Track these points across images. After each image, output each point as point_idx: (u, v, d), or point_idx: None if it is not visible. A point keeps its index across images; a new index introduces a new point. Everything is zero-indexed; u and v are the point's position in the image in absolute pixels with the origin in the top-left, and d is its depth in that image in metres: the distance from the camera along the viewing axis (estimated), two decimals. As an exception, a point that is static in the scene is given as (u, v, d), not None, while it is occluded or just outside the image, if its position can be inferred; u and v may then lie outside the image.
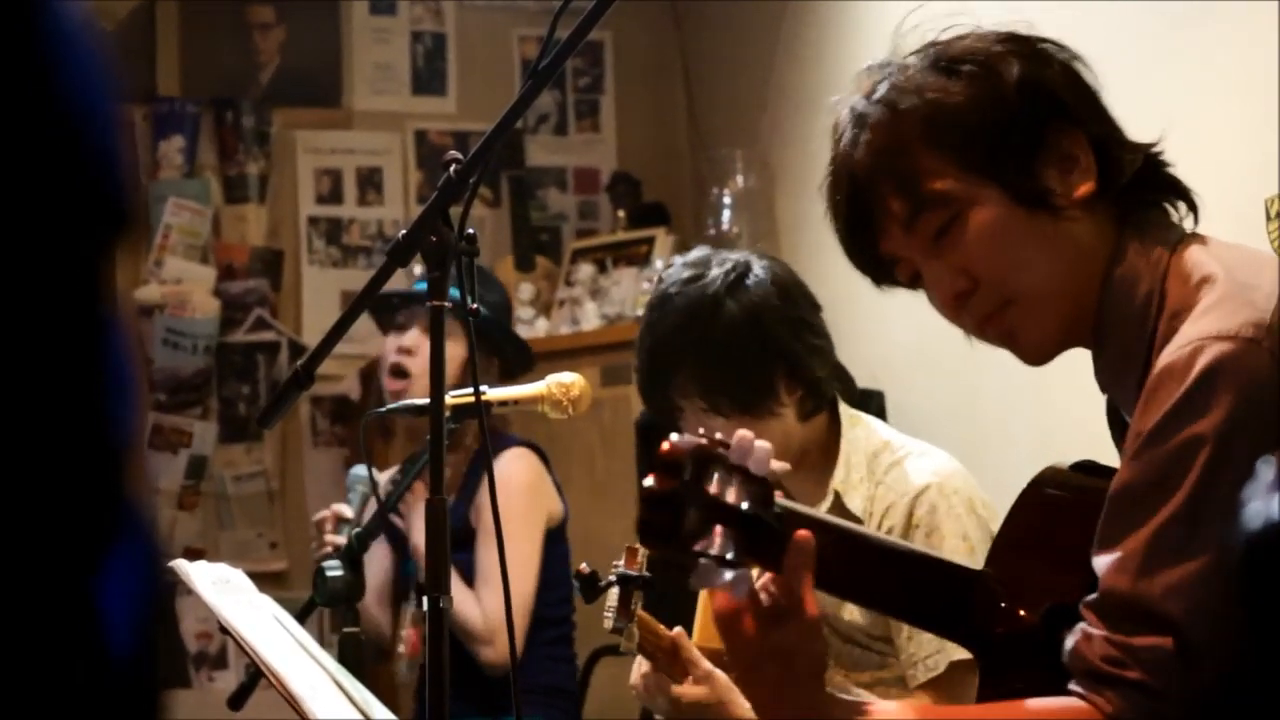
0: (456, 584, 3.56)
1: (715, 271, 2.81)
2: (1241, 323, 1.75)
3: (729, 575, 1.66)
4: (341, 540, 3.24)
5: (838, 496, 2.80)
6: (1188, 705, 1.70)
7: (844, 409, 2.90)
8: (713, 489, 1.67)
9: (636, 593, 2.46)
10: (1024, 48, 1.96)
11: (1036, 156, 1.91)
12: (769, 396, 2.78)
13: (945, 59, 1.95)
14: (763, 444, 1.72)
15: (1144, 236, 1.92)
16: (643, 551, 2.46)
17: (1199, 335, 1.76)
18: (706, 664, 2.57)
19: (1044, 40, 1.99)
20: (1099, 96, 1.99)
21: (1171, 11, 3.46)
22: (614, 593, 2.47)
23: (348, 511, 3.41)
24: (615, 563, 2.47)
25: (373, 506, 3.22)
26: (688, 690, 2.55)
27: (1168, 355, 1.77)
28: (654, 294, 2.91)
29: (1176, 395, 1.74)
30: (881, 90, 1.96)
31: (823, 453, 2.86)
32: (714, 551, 1.65)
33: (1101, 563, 1.77)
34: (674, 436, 1.67)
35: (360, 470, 3.42)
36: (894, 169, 1.94)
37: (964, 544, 2.66)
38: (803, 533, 1.74)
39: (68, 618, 0.75)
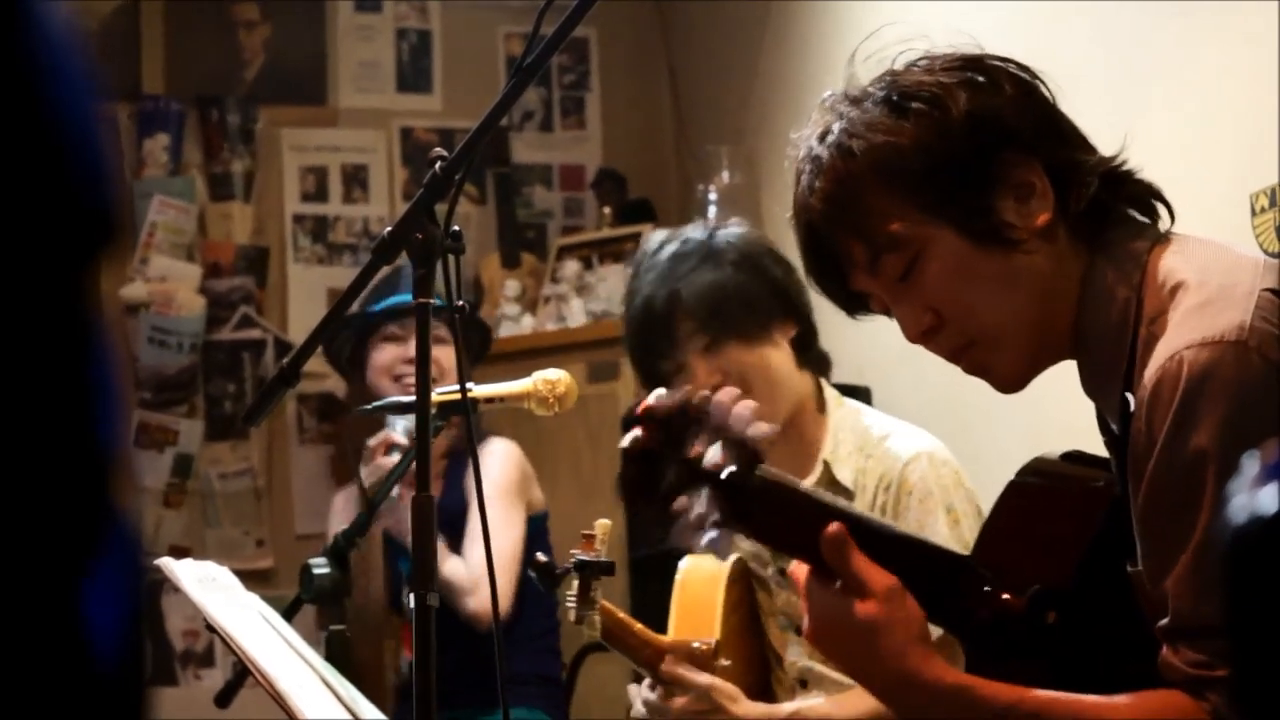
0: (442, 550, 3.60)
1: (694, 230, 2.88)
2: (1224, 326, 1.75)
3: (709, 536, 1.67)
4: (393, 461, 3.30)
5: (827, 467, 2.82)
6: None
7: (830, 389, 2.94)
8: (694, 450, 1.68)
9: (596, 579, 2.47)
10: (973, 76, 1.94)
11: (990, 191, 1.91)
12: (768, 321, 2.82)
13: (895, 95, 1.94)
14: (745, 404, 1.74)
15: (1114, 250, 1.91)
16: (600, 536, 2.47)
17: (1182, 344, 1.76)
18: (704, 677, 2.59)
19: (995, 63, 1.97)
20: (1055, 116, 1.97)
21: (1155, 8, 3.46)
22: (574, 581, 2.47)
23: (399, 436, 3.49)
24: (573, 550, 2.47)
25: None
26: (686, 703, 2.58)
27: (1154, 369, 1.77)
28: (634, 266, 2.94)
29: (1172, 411, 1.74)
30: (834, 132, 1.96)
31: (811, 424, 2.88)
32: (695, 513, 1.67)
33: (1162, 591, 1.78)
34: (657, 392, 1.68)
35: (398, 419, 3.48)
36: (849, 216, 1.94)
37: (949, 516, 2.68)
38: (832, 528, 1.79)
39: (53, 625, 0.75)
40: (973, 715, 1.80)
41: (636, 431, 1.67)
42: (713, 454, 1.70)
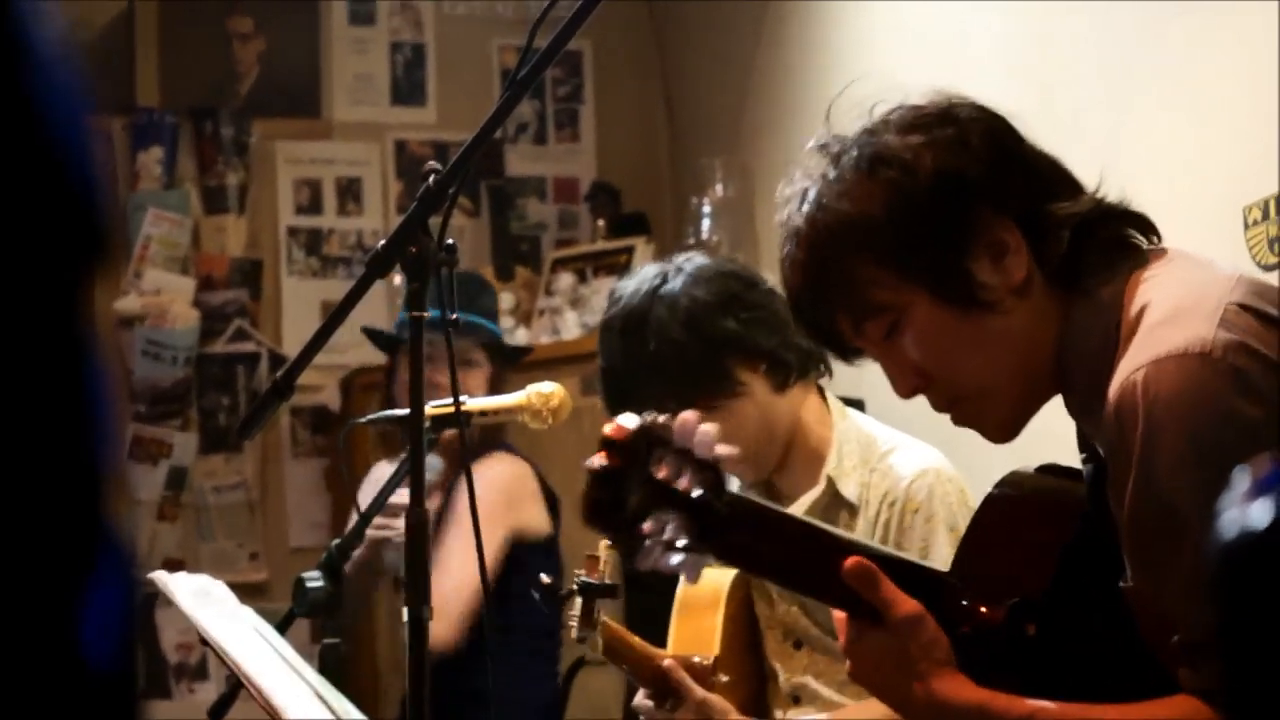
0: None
1: (641, 285, 2.83)
2: (1184, 341, 1.75)
3: (678, 559, 1.68)
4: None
5: (831, 483, 2.81)
6: None
7: (833, 400, 2.92)
8: (662, 473, 1.69)
9: (599, 601, 2.49)
10: (944, 133, 1.93)
11: (963, 253, 1.91)
12: (727, 383, 2.79)
13: (866, 159, 1.94)
14: (707, 427, 1.75)
15: (1091, 288, 1.92)
16: (604, 559, 2.48)
17: (1139, 362, 1.77)
18: (699, 691, 2.60)
19: (965, 114, 1.97)
20: (1028, 164, 1.97)
21: (1148, 17, 3.46)
22: (577, 602, 2.49)
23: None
24: (577, 571, 2.48)
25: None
26: (681, 716, 2.58)
27: (1114, 389, 1.78)
28: (600, 323, 2.94)
29: (1139, 433, 1.75)
30: (810, 201, 1.97)
31: (814, 440, 2.87)
32: (664, 536, 1.68)
33: (1160, 608, 1.79)
34: (620, 418, 1.70)
35: (432, 459, 3.47)
36: (828, 286, 1.96)
37: (952, 534, 2.67)
38: (852, 560, 1.84)
39: (46, 640, 0.75)
40: None
41: (601, 456, 1.69)
42: (679, 476, 1.71)
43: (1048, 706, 1.82)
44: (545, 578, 2.52)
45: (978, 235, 1.91)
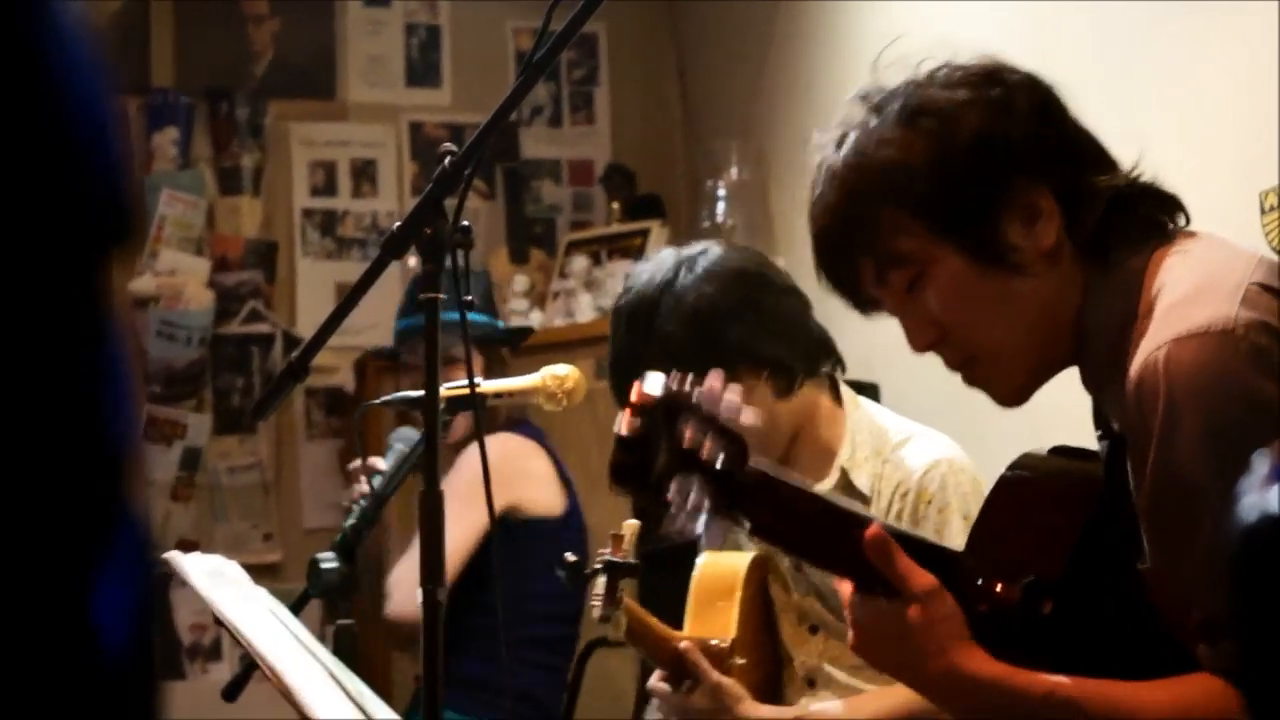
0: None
1: (656, 275, 2.80)
2: (1206, 318, 1.76)
3: (700, 524, 1.70)
4: (365, 488, 3.29)
5: (844, 474, 2.80)
6: None
7: (846, 391, 2.91)
8: (687, 439, 1.70)
9: (623, 580, 2.48)
10: (990, 92, 1.94)
11: (996, 214, 1.92)
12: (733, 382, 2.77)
13: (910, 109, 1.95)
14: (733, 392, 1.76)
15: (1117, 262, 1.92)
16: (628, 538, 2.48)
17: (1166, 337, 1.77)
18: (714, 675, 2.60)
19: (1014, 78, 1.97)
20: (1070, 134, 1.97)
21: (1157, 5, 3.45)
22: (601, 581, 2.48)
23: (381, 463, 3.45)
24: (601, 550, 2.48)
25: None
26: (696, 699, 2.58)
27: (1136, 366, 1.78)
28: (612, 309, 2.92)
29: (1159, 409, 1.75)
30: (849, 144, 1.97)
31: (825, 431, 2.86)
32: (690, 502, 1.69)
33: (1178, 587, 1.79)
34: (647, 382, 1.70)
35: (407, 430, 3.45)
36: (857, 231, 1.97)
37: (966, 522, 2.67)
38: (873, 529, 1.83)
39: (63, 621, 0.75)
40: (1015, 702, 1.83)
41: (628, 419, 1.70)
42: (705, 443, 1.72)
43: (1065, 683, 1.82)
44: (570, 556, 2.52)
45: (1013, 197, 1.92)
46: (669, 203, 5.56)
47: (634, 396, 1.70)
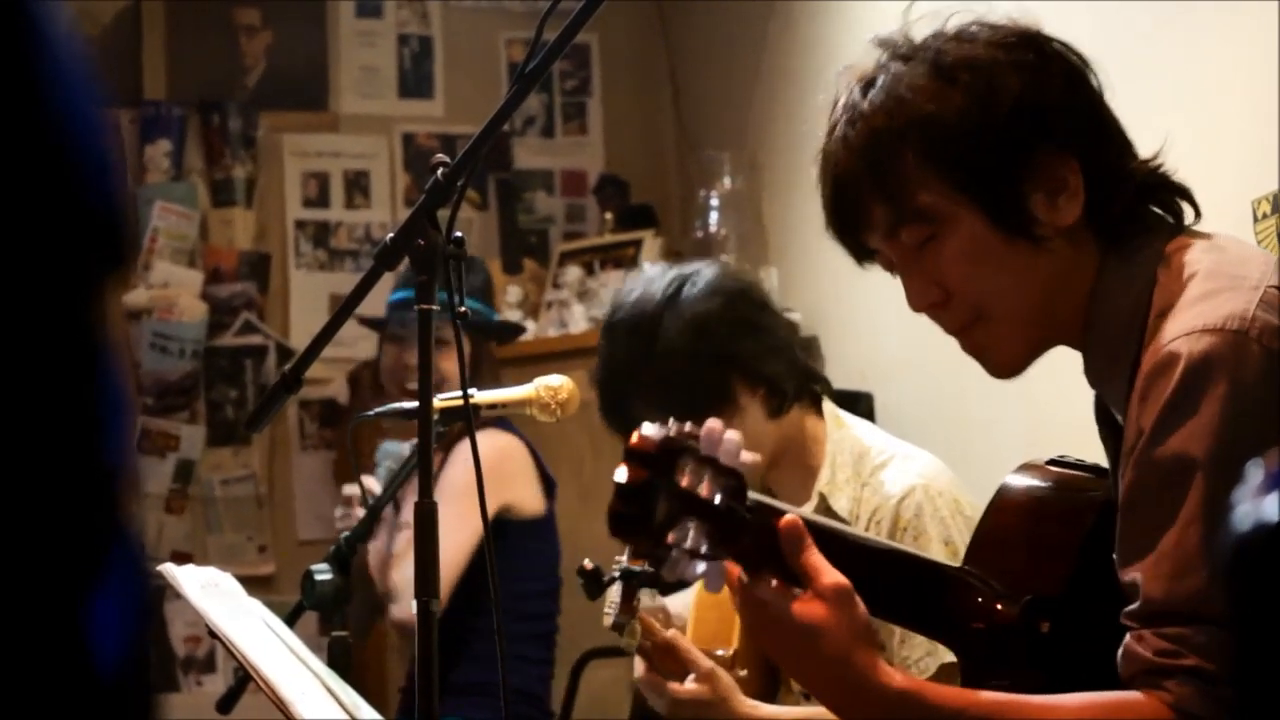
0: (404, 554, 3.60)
1: (654, 289, 2.80)
2: (1226, 314, 1.75)
3: (702, 567, 1.67)
4: (362, 513, 3.28)
5: (823, 499, 2.79)
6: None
7: (829, 409, 2.90)
8: (685, 481, 1.67)
9: (640, 589, 2.46)
10: (1028, 57, 1.91)
11: (1024, 180, 1.88)
12: (725, 401, 2.76)
13: (946, 62, 1.90)
14: (732, 434, 1.72)
15: (1133, 248, 1.90)
16: None
17: (1183, 330, 1.76)
18: (706, 663, 2.58)
19: (1052, 46, 1.95)
20: (1102, 113, 1.95)
21: (1157, 10, 3.46)
22: (616, 589, 2.46)
23: (374, 485, 3.44)
24: (618, 558, 2.46)
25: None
26: (686, 688, 2.56)
27: (1154, 353, 1.77)
28: (603, 321, 2.92)
29: (1167, 395, 1.74)
30: (878, 87, 1.92)
31: (808, 454, 2.85)
32: (688, 545, 1.66)
33: (1132, 575, 1.76)
34: (644, 428, 1.68)
35: (390, 445, 3.44)
36: (878, 176, 1.91)
37: (947, 548, 2.65)
38: (787, 518, 1.73)
39: (59, 639, 0.75)
40: (924, 717, 1.74)
41: (625, 468, 1.67)
42: (701, 483, 1.70)
43: (981, 700, 1.75)
44: (589, 563, 2.51)
45: (1042, 169, 1.89)
46: (662, 213, 5.57)
47: (633, 442, 1.68)
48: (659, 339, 2.75)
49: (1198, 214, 1.97)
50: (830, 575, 1.73)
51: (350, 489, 3.66)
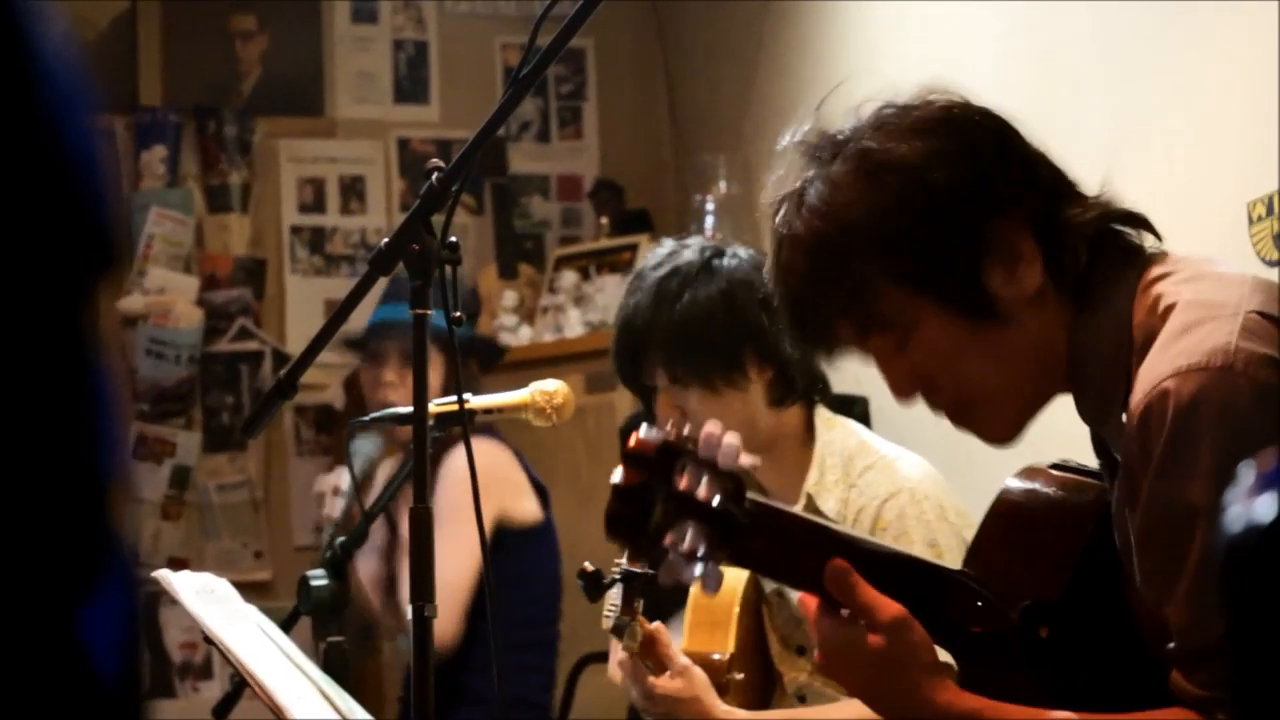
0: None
1: (691, 252, 2.85)
2: (1210, 350, 1.73)
3: (699, 570, 1.67)
4: (336, 513, 3.27)
5: (810, 500, 2.80)
6: None
7: (821, 411, 2.90)
8: (683, 484, 1.68)
9: (639, 591, 2.46)
10: (952, 144, 1.87)
11: (976, 263, 1.86)
12: (735, 371, 2.78)
13: (871, 164, 1.87)
14: (731, 437, 1.73)
15: (1103, 291, 1.88)
16: None
17: (1170, 370, 1.74)
18: (683, 659, 2.58)
19: (971, 119, 1.90)
20: (1036, 167, 1.91)
21: (1153, 14, 3.46)
22: (616, 591, 2.47)
23: (343, 482, 3.43)
24: (617, 560, 2.46)
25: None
26: (663, 683, 2.56)
27: (1140, 396, 1.75)
28: (633, 274, 2.94)
29: (1161, 444, 1.72)
30: (809, 202, 1.89)
31: (798, 454, 2.86)
32: (685, 547, 1.66)
33: (1165, 613, 1.77)
34: (642, 430, 1.68)
35: (361, 442, 3.43)
36: (833, 295, 1.89)
37: (932, 550, 2.65)
38: (837, 562, 1.77)
39: (51, 647, 0.75)
40: None
41: (623, 470, 1.67)
42: (699, 485, 1.69)
43: (1047, 716, 1.78)
44: (589, 565, 2.51)
45: (992, 246, 1.86)
46: (657, 217, 5.57)
47: (631, 445, 1.68)
48: (687, 293, 2.78)
49: (1157, 237, 1.94)
50: (887, 610, 1.78)
51: (323, 484, 3.65)
